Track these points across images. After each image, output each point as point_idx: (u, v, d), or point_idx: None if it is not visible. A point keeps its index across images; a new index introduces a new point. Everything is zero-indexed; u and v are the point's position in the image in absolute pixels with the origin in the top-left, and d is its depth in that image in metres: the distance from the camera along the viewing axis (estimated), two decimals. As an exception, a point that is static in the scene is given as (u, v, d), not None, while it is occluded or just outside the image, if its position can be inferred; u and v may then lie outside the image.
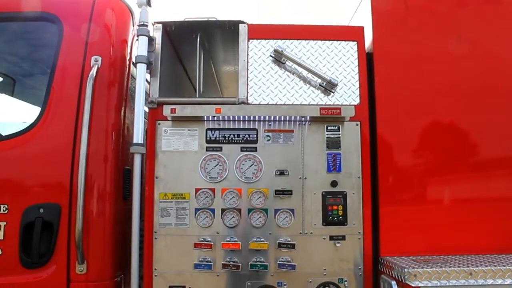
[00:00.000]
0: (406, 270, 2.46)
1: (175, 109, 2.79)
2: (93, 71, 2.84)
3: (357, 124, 2.91)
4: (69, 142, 2.83)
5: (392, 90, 2.97)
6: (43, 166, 2.83)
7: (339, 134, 2.89)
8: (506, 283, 2.49)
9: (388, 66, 2.99)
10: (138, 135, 2.78)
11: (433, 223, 2.89)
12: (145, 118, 2.95)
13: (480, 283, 2.48)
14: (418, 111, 2.96)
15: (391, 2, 3.06)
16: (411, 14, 3.04)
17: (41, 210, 2.76)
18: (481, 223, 2.90)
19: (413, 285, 2.44)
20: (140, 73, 2.86)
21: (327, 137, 2.89)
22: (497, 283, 2.48)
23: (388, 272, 2.68)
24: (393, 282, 2.54)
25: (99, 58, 2.91)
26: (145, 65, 2.89)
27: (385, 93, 2.96)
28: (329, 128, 2.90)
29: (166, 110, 2.80)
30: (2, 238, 2.75)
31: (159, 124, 2.90)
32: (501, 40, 3.05)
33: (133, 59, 3.05)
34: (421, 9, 3.06)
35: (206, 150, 2.87)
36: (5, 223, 2.77)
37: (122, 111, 3.02)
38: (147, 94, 2.98)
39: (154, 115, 2.92)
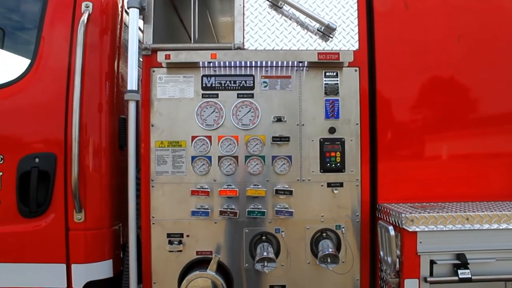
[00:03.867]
0: (403, 215, 2.46)
1: (169, 55, 2.72)
2: (84, 17, 2.77)
3: (356, 70, 2.85)
4: (62, 91, 2.80)
5: (392, 37, 2.89)
6: (36, 115, 2.80)
7: (337, 80, 2.83)
8: (501, 227, 2.49)
9: (389, 12, 2.90)
10: (132, 82, 2.72)
11: (431, 174, 2.88)
12: (139, 67, 2.89)
13: (476, 228, 2.49)
14: (418, 61, 2.89)
15: None
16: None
17: (37, 160, 2.75)
18: (479, 177, 2.90)
19: (410, 230, 2.44)
20: (133, 18, 2.77)
21: (325, 83, 2.83)
22: (492, 227, 2.49)
23: (385, 218, 2.68)
24: (390, 227, 2.53)
25: (90, 4, 2.83)
26: (138, 10, 2.79)
27: (385, 40, 2.88)
28: (327, 74, 2.84)
29: (161, 57, 2.73)
30: (-1, 188, 2.75)
31: (153, 71, 2.84)
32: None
33: (126, 6, 2.96)
34: None
35: (202, 97, 2.82)
36: (1, 173, 2.76)
37: (116, 61, 2.97)
38: (140, 43, 2.90)
39: (148, 62, 2.84)
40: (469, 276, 2.46)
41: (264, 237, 2.81)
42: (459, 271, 2.47)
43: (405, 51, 2.89)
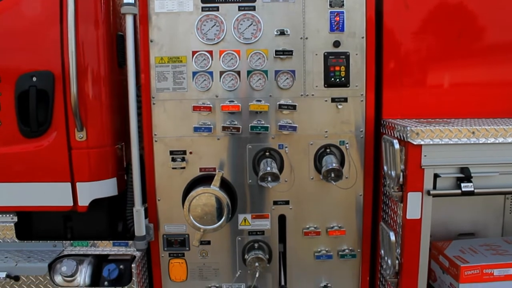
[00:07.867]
0: (408, 128, 2.42)
1: (166, -36, 2.60)
2: None
3: (361, -20, 2.73)
4: (55, 9, 2.69)
5: None
6: (30, 32, 2.72)
7: (342, -9, 2.72)
8: (508, 141, 2.46)
9: None
10: (128, -6, 2.61)
11: (438, 92, 2.84)
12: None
13: (482, 142, 2.46)
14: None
15: None
16: None
17: (34, 79, 2.70)
18: (487, 100, 2.86)
19: (415, 143, 2.41)
20: None
21: (329, -6, 2.72)
22: (498, 141, 2.46)
23: (390, 133, 2.65)
24: (395, 141, 2.49)
25: None
26: None
27: None
28: (332, -16, 2.72)
29: (157, -33, 2.61)
30: (-2, 109, 2.73)
31: (150, -16, 2.72)
32: None
33: None
34: None
35: (202, 10, 2.71)
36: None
37: (111, -23, 2.85)
38: None
39: (145, -26, 2.72)
40: (472, 189, 2.46)
41: (267, 153, 2.80)
42: (462, 184, 2.47)
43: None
